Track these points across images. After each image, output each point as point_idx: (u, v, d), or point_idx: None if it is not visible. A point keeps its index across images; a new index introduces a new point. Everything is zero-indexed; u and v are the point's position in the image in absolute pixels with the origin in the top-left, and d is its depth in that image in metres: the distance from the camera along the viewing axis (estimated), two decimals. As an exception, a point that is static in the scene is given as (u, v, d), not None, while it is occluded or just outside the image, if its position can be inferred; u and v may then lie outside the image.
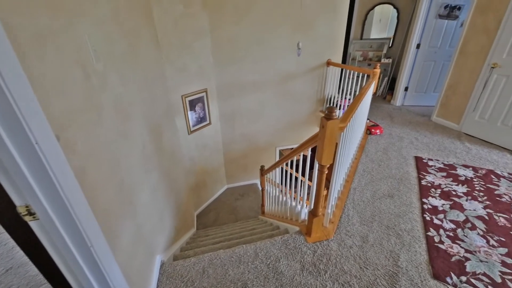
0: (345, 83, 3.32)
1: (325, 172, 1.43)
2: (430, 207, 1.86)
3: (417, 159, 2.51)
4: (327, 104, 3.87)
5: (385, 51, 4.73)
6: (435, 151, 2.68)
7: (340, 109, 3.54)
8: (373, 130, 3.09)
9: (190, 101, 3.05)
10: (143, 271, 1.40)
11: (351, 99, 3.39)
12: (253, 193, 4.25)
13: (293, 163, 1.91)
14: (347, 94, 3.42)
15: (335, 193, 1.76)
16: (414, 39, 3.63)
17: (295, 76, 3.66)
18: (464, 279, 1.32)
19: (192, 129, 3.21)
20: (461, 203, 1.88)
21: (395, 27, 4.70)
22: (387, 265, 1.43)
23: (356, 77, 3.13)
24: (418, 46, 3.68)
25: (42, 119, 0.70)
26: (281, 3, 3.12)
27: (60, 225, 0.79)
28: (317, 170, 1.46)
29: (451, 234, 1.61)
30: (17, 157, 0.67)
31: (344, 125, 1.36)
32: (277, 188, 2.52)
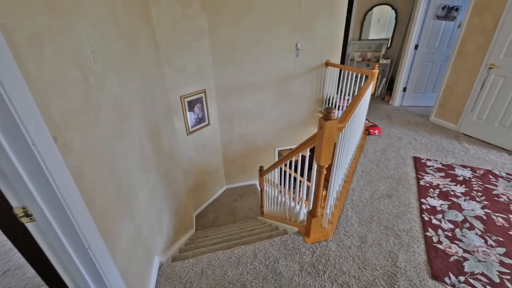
0: (344, 84, 3.33)
1: (324, 172, 1.43)
2: (428, 207, 1.86)
3: (415, 159, 2.52)
4: (325, 104, 3.88)
5: (383, 52, 4.75)
6: (433, 151, 2.69)
7: (338, 109, 3.55)
8: (371, 130, 3.10)
9: (189, 102, 3.05)
10: (141, 272, 1.39)
11: (350, 100, 3.39)
12: (252, 194, 4.25)
13: (292, 164, 1.91)
14: (346, 94, 3.42)
15: (333, 194, 1.76)
16: (412, 39, 3.65)
17: (294, 76, 3.66)
18: (462, 279, 1.33)
19: (191, 130, 3.20)
20: (459, 203, 1.89)
21: (393, 28, 4.72)
22: (386, 266, 1.43)
23: (354, 77, 3.14)
24: (416, 46, 3.69)
25: (39, 120, 0.70)
26: (279, 4, 3.13)
27: (57, 226, 0.79)
28: (316, 170, 1.46)
29: (449, 234, 1.62)
30: (13, 158, 0.66)
31: (342, 126, 1.36)
32: (276, 188, 2.52)
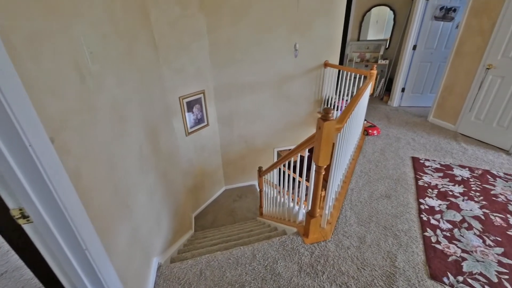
0: (343, 84, 3.34)
1: (322, 173, 1.43)
2: (427, 207, 1.86)
3: (414, 159, 2.52)
4: (324, 105, 3.88)
5: (382, 53, 4.76)
6: (431, 151, 2.69)
7: (337, 110, 3.55)
8: (370, 131, 3.10)
9: (187, 103, 3.05)
10: (139, 273, 1.39)
11: (349, 100, 3.40)
12: (251, 195, 4.24)
13: (291, 164, 1.91)
14: (345, 95, 3.43)
15: (332, 194, 1.76)
16: (410, 40, 3.66)
17: (293, 77, 3.67)
18: (461, 279, 1.33)
19: (189, 131, 3.20)
20: (457, 203, 1.89)
21: (392, 28, 4.74)
22: (385, 266, 1.43)
23: (353, 78, 3.15)
24: (414, 47, 3.71)
25: (35, 121, 0.70)
26: (278, 5, 3.13)
27: (54, 228, 0.78)
28: (314, 171, 1.46)
29: (447, 234, 1.62)
30: (10, 160, 0.66)
31: (340, 126, 1.36)
32: (275, 189, 2.52)
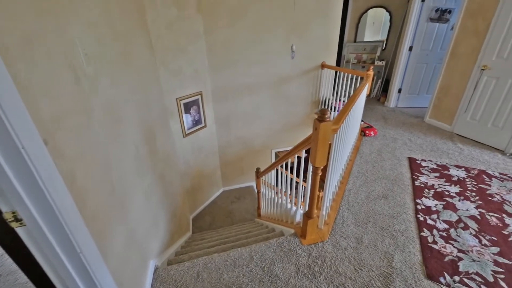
0: (340, 85, 3.35)
1: (319, 174, 1.43)
2: (423, 207, 1.87)
3: (410, 160, 2.54)
4: (322, 106, 3.89)
5: (378, 54, 4.80)
6: (428, 152, 2.71)
7: (334, 111, 3.57)
8: (367, 131, 3.12)
9: (185, 104, 3.04)
10: (136, 276, 1.37)
11: (346, 101, 3.41)
12: (249, 196, 4.23)
13: (288, 165, 1.91)
14: (342, 96, 3.44)
15: (329, 195, 1.76)
16: (406, 41, 3.69)
17: (290, 78, 3.68)
18: (457, 278, 1.33)
19: (187, 132, 3.19)
20: (453, 203, 1.90)
21: (388, 30, 4.78)
22: (382, 266, 1.43)
23: (350, 79, 3.16)
24: (410, 48, 3.74)
25: (28, 123, 0.69)
26: (274, 6, 3.14)
27: (48, 231, 0.78)
28: (311, 172, 1.46)
29: (444, 234, 1.63)
30: (2, 162, 0.65)
31: (337, 127, 1.37)
32: (273, 190, 2.52)
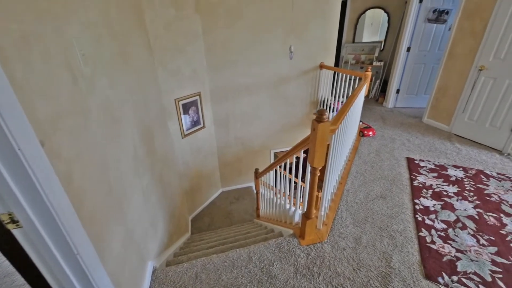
0: (338, 86, 3.36)
1: (318, 174, 1.43)
2: (421, 207, 1.88)
3: (409, 160, 2.54)
4: (320, 106, 3.90)
5: (376, 54, 4.81)
6: (426, 152, 2.72)
7: (333, 111, 3.57)
8: (365, 132, 3.12)
9: (183, 105, 3.04)
10: (134, 278, 1.37)
11: (344, 102, 3.42)
12: (248, 196, 4.23)
13: (287, 166, 1.91)
14: (340, 96, 3.45)
15: (328, 195, 1.76)
16: (404, 42, 3.70)
17: (289, 79, 3.68)
18: (455, 278, 1.34)
19: (186, 133, 3.19)
20: (452, 203, 1.91)
21: (386, 30, 4.79)
22: (380, 266, 1.43)
23: (348, 80, 3.17)
24: (408, 49, 3.75)
25: (25, 124, 0.68)
26: (273, 7, 3.15)
27: (44, 232, 0.77)
28: (310, 172, 1.46)
29: (442, 234, 1.63)
30: (-2, 163, 0.65)
31: (335, 128, 1.37)
32: (272, 190, 2.51)
